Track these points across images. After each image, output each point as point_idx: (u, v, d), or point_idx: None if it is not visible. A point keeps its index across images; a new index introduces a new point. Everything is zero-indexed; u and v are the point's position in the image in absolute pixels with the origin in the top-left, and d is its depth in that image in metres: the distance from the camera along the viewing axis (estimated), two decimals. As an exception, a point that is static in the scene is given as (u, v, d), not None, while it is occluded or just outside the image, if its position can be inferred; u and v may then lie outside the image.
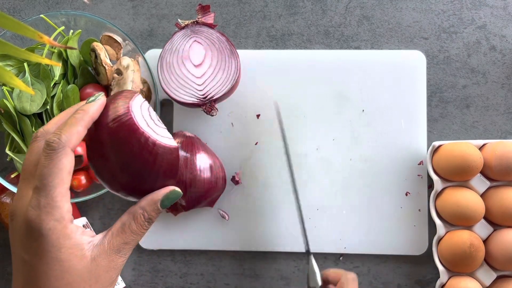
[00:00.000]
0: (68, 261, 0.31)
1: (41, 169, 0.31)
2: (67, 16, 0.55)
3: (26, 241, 0.31)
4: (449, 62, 0.60)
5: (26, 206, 0.31)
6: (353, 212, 0.58)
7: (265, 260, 0.59)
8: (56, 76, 0.54)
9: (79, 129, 0.32)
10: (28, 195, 0.31)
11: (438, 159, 0.56)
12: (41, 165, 0.31)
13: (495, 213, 0.54)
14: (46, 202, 0.30)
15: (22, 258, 0.31)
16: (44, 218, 0.30)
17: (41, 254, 0.30)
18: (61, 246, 0.31)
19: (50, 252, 0.30)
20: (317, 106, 0.59)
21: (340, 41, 0.61)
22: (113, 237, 0.33)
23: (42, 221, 0.30)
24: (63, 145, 0.31)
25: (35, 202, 0.30)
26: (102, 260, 0.32)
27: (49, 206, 0.30)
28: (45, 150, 0.31)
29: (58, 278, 0.31)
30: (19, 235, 0.31)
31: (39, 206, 0.30)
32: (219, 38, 0.55)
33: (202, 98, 0.54)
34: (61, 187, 0.31)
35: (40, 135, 0.33)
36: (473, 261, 0.53)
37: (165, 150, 0.35)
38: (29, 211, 0.30)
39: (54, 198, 0.31)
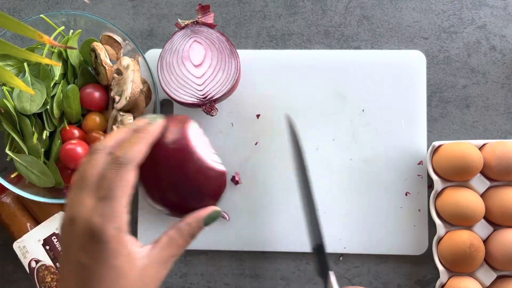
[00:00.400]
0: (122, 267, 0.33)
1: (108, 182, 0.34)
2: (67, 16, 0.55)
3: (87, 245, 0.33)
4: (449, 62, 0.60)
5: (89, 213, 0.33)
6: (353, 212, 0.58)
7: (265, 260, 0.59)
8: (56, 76, 0.54)
9: (143, 148, 0.36)
10: (89, 204, 0.33)
11: (438, 159, 0.56)
12: (108, 178, 0.34)
13: (495, 213, 0.54)
14: (111, 212, 0.33)
15: (78, 261, 0.33)
16: (107, 226, 0.33)
17: (100, 259, 0.33)
18: (119, 253, 0.33)
19: (108, 258, 0.33)
20: (317, 106, 0.59)
21: (340, 41, 0.61)
22: (162, 250, 0.36)
23: (106, 229, 0.33)
24: (129, 161, 0.34)
25: (100, 211, 0.33)
26: (150, 270, 0.35)
27: (112, 216, 0.33)
28: (112, 164, 0.34)
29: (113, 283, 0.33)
30: (79, 239, 0.33)
31: (103, 215, 0.33)
32: (219, 38, 0.55)
33: (202, 98, 0.54)
34: (125, 200, 0.34)
35: (101, 148, 0.35)
36: (473, 261, 0.53)
37: (217, 174, 0.39)
38: (94, 218, 0.33)
39: (118, 209, 0.33)
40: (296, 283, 0.59)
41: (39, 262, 0.56)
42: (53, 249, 0.55)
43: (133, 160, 0.35)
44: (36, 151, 0.53)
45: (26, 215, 0.58)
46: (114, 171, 0.34)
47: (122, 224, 0.34)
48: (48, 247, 0.56)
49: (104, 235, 0.33)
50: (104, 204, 0.33)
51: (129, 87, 0.53)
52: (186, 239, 0.37)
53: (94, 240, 0.33)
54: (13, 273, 0.60)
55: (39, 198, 0.53)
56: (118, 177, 0.34)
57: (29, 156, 0.53)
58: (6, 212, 0.57)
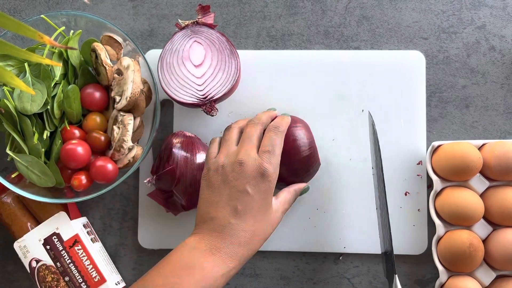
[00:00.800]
0: (270, 204, 0.48)
1: (272, 141, 0.48)
2: (68, 17, 0.55)
3: (255, 181, 0.46)
4: (448, 62, 0.60)
5: (258, 159, 0.47)
6: (353, 212, 0.58)
7: (265, 260, 0.59)
8: (57, 76, 0.54)
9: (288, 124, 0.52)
10: (255, 153, 0.48)
11: (438, 159, 0.56)
12: (273, 139, 0.49)
13: (495, 213, 0.54)
14: (275, 162, 0.48)
15: (245, 190, 0.46)
16: (273, 171, 0.47)
17: (263, 191, 0.47)
18: (271, 192, 0.48)
19: (267, 193, 0.47)
20: (317, 106, 0.59)
21: (340, 41, 0.61)
22: (281, 204, 0.50)
23: (272, 173, 0.47)
24: (283, 131, 0.50)
25: (267, 159, 0.47)
26: (277, 213, 0.49)
27: (276, 165, 0.48)
28: (274, 130, 0.50)
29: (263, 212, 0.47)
30: (249, 176, 0.46)
31: (271, 163, 0.47)
32: (219, 38, 0.56)
33: (202, 98, 0.55)
34: (280, 156, 0.49)
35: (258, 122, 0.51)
36: (472, 261, 0.53)
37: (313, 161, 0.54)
38: (264, 163, 0.47)
39: (277, 161, 0.48)
40: (295, 282, 0.59)
41: (39, 261, 0.56)
42: (54, 248, 0.56)
43: (284, 131, 0.50)
44: (37, 151, 0.53)
45: (27, 215, 0.58)
46: (276, 135, 0.49)
47: (277, 175, 0.48)
48: (48, 246, 0.56)
49: (270, 177, 0.47)
50: (270, 155, 0.47)
51: (130, 87, 0.53)
52: (293, 199, 0.52)
53: (263, 179, 0.46)
54: (14, 273, 0.61)
55: (39, 198, 0.53)
56: (278, 139, 0.49)
57: (29, 156, 0.53)
58: (7, 212, 0.58)
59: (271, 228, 0.48)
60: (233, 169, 0.47)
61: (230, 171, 0.47)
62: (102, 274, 0.56)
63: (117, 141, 0.54)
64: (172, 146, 0.55)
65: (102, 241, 0.60)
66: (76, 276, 0.55)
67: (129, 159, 0.55)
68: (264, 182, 0.46)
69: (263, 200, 0.47)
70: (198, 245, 0.45)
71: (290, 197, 0.51)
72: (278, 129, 0.50)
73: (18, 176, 0.55)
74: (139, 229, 0.59)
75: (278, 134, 0.49)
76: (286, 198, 0.50)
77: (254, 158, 0.47)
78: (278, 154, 0.48)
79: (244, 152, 0.48)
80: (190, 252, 0.45)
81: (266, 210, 0.47)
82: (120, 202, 0.60)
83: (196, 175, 0.55)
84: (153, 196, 0.57)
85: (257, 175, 0.46)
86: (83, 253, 0.56)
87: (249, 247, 0.46)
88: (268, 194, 0.47)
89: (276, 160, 0.48)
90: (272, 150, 0.48)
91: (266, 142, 0.48)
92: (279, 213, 0.49)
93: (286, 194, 0.51)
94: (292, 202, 0.51)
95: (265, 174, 0.46)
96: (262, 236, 0.47)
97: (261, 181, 0.46)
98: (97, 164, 0.54)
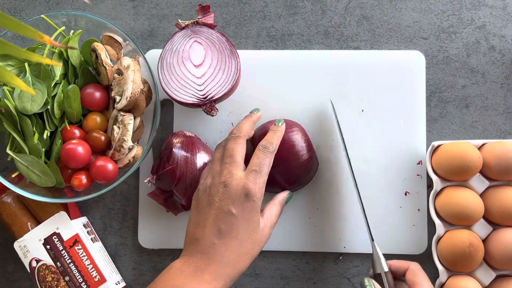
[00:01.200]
0: (257, 222, 0.47)
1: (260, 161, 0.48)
2: (68, 16, 0.55)
3: (239, 201, 0.46)
4: (448, 62, 0.60)
5: (242, 179, 0.47)
6: (353, 212, 0.58)
7: (265, 260, 0.59)
8: (57, 76, 0.54)
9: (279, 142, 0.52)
10: (238, 173, 0.47)
11: (438, 159, 0.56)
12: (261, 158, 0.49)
13: (495, 213, 0.54)
14: (260, 182, 0.47)
15: (229, 211, 0.46)
16: (258, 191, 0.47)
17: (247, 212, 0.47)
18: (257, 212, 0.48)
19: (252, 212, 0.47)
20: (317, 106, 0.59)
21: (339, 41, 0.61)
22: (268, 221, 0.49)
23: (257, 193, 0.47)
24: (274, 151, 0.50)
25: (253, 179, 0.47)
26: (265, 230, 0.49)
27: (262, 185, 0.48)
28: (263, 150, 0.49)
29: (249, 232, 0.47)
30: (233, 197, 0.46)
31: (256, 183, 0.47)
32: (219, 38, 0.56)
33: (202, 98, 0.55)
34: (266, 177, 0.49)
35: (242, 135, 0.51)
36: (472, 261, 0.53)
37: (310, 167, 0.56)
38: (249, 184, 0.47)
39: (263, 181, 0.48)
40: (295, 282, 0.59)
41: (39, 261, 0.56)
42: (54, 248, 0.56)
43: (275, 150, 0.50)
44: (37, 151, 0.53)
45: (27, 214, 0.58)
46: (264, 155, 0.49)
47: (262, 194, 0.48)
48: (48, 246, 0.56)
49: (255, 197, 0.47)
50: (256, 175, 0.47)
51: (130, 87, 0.53)
52: (279, 211, 0.51)
53: (247, 199, 0.46)
54: (14, 273, 0.61)
55: (39, 198, 0.53)
56: (266, 159, 0.49)
57: (30, 156, 0.53)
58: (7, 212, 0.58)
59: (258, 247, 0.48)
60: (218, 190, 0.47)
61: (215, 192, 0.47)
62: (102, 274, 0.56)
63: (117, 141, 0.54)
64: (172, 146, 0.55)
65: (102, 241, 0.60)
66: (76, 276, 0.55)
67: (129, 159, 0.55)
68: (248, 202, 0.47)
69: (248, 220, 0.47)
70: (184, 267, 0.46)
71: (275, 211, 0.51)
72: (268, 149, 0.50)
73: (18, 176, 0.55)
74: (139, 229, 0.59)
75: (267, 154, 0.49)
76: (271, 212, 0.50)
77: (238, 178, 0.47)
78: (266, 173, 0.48)
79: (226, 172, 0.48)
80: (175, 275, 0.45)
81: (252, 229, 0.47)
82: (120, 202, 0.60)
83: (196, 175, 0.55)
84: (153, 196, 0.58)
85: (241, 195, 0.46)
86: (83, 253, 0.56)
87: (236, 266, 0.46)
88: (253, 214, 0.47)
89: (262, 180, 0.48)
90: (260, 170, 0.48)
91: (254, 161, 0.49)
92: (267, 230, 0.49)
93: (271, 208, 0.51)
94: (279, 214, 0.51)
95: (249, 194, 0.46)
96: (248, 255, 0.47)
97: (245, 201, 0.46)
98: (97, 164, 0.54)
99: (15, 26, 0.31)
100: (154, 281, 0.46)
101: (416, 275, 0.49)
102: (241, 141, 0.50)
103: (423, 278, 0.49)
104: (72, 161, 0.53)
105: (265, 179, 0.48)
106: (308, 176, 0.56)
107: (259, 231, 0.48)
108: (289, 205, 0.58)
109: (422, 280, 0.48)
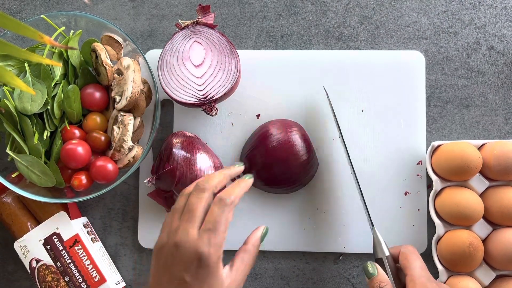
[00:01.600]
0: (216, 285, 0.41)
1: (215, 217, 0.42)
2: (68, 17, 0.55)
3: (192, 267, 0.41)
4: (448, 62, 0.60)
5: (196, 242, 0.41)
6: (352, 211, 0.58)
7: (265, 260, 0.59)
8: (57, 76, 0.54)
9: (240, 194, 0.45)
10: (194, 234, 0.41)
11: (437, 159, 0.56)
12: (216, 214, 0.42)
13: (494, 213, 0.54)
14: (216, 242, 0.41)
15: (182, 278, 0.41)
16: (213, 255, 0.41)
17: (201, 279, 0.41)
18: (215, 276, 0.41)
19: (208, 279, 0.41)
20: (316, 106, 0.59)
21: (339, 41, 0.61)
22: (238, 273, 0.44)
23: (211, 257, 0.41)
24: (232, 203, 0.43)
25: (207, 241, 0.41)
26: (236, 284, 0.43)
27: (217, 246, 0.41)
28: (219, 204, 0.43)
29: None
30: (186, 261, 0.41)
31: (210, 245, 0.41)
32: (219, 38, 0.56)
33: (202, 98, 0.55)
34: (225, 234, 0.42)
35: (208, 188, 0.44)
36: (472, 261, 0.53)
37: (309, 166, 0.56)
38: (202, 247, 0.41)
39: (221, 241, 0.41)
40: (295, 282, 0.59)
41: (39, 261, 0.56)
42: (54, 248, 0.56)
43: (234, 203, 0.43)
44: (37, 151, 0.53)
45: (27, 214, 0.58)
46: (220, 210, 0.42)
47: (221, 253, 0.42)
48: (48, 246, 0.56)
49: (210, 261, 0.41)
50: (210, 235, 0.41)
51: (130, 87, 0.53)
52: (253, 256, 0.45)
53: (200, 264, 0.41)
54: (14, 273, 0.61)
55: (39, 198, 0.53)
56: (223, 215, 0.42)
57: (30, 156, 0.53)
58: (7, 212, 0.58)
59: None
60: (171, 252, 0.42)
61: (168, 254, 0.42)
62: (102, 274, 0.56)
63: (117, 141, 0.54)
64: (172, 146, 0.55)
65: (102, 241, 0.60)
66: (76, 276, 0.55)
67: (129, 159, 0.55)
68: (202, 268, 0.41)
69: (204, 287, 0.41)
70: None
71: (248, 257, 0.45)
72: (225, 201, 0.43)
73: (18, 176, 0.55)
74: (139, 229, 0.59)
75: (224, 208, 0.43)
76: (243, 262, 0.45)
77: (190, 240, 0.41)
78: (223, 231, 0.42)
79: (181, 231, 0.42)
80: None
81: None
82: (120, 202, 0.60)
83: (196, 175, 0.55)
84: (153, 196, 0.58)
85: (194, 261, 0.41)
86: (83, 253, 0.56)
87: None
88: (210, 279, 0.41)
89: (218, 240, 0.41)
90: (214, 228, 0.41)
91: (208, 218, 0.42)
92: (236, 283, 0.43)
93: (243, 256, 0.45)
94: (254, 258, 0.46)
95: (202, 259, 0.41)
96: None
97: (199, 267, 0.41)
98: (97, 164, 0.54)
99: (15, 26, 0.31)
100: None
101: (406, 258, 0.47)
102: (206, 195, 0.44)
103: (414, 260, 0.47)
104: (72, 161, 0.53)
105: (223, 237, 0.42)
106: (308, 176, 0.57)
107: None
108: (289, 205, 0.58)
109: (412, 263, 0.46)
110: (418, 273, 0.46)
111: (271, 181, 0.53)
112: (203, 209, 0.43)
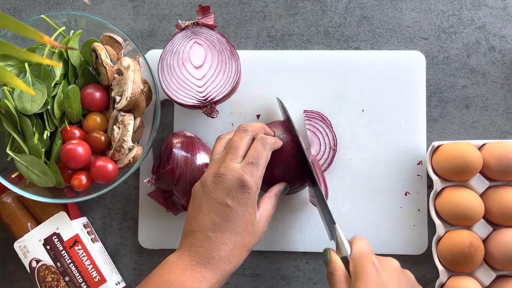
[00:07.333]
0: (253, 215, 0.46)
1: (257, 153, 0.47)
2: (68, 17, 0.55)
3: (235, 192, 0.45)
4: (448, 62, 0.60)
5: (239, 171, 0.46)
6: (352, 211, 0.58)
7: (265, 260, 0.59)
8: (57, 76, 0.54)
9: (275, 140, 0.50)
10: (237, 165, 0.46)
11: (438, 159, 0.56)
12: (258, 150, 0.47)
13: (495, 213, 0.54)
14: (257, 174, 0.46)
15: (225, 203, 0.45)
16: (254, 184, 0.46)
17: (244, 203, 0.46)
18: (254, 204, 0.47)
19: (248, 205, 0.46)
20: (317, 107, 0.59)
21: (340, 41, 0.61)
22: (267, 211, 0.49)
23: (252, 184, 0.46)
24: (271, 143, 0.49)
25: (249, 171, 0.46)
26: (261, 222, 0.48)
27: (258, 178, 0.47)
28: (261, 142, 0.48)
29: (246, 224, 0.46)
30: (229, 187, 0.46)
31: (253, 175, 0.46)
32: (219, 39, 0.56)
33: (203, 100, 0.55)
34: (264, 168, 0.47)
35: (250, 130, 0.49)
36: (472, 261, 0.53)
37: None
38: (245, 175, 0.46)
39: (260, 173, 0.47)
40: (295, 282, 0.59)
41: (39, 261, 0.56)
42: (54, 248, 0.56)
43: (272, 144, 0.49)
44: (37, 151, 0.53)
45: (27, 215, 0.58)
46: (262, 147, 0.48)
47: (259, 185, 0.47)
48: (48, 246, 0.56)
49: (251, 189, 0.46)
50: (252, 168, 0.46)
51: (130, 88, 0.53)
52: (276, 203, 0.50)
53: (243, 190, 0.45)
54: (14, 273, 0.61)
55: (39, 198, 0.53)
56: (264, 152, 0.47)
57: (29, 156, 0.53)
58: (7, 212, 0.58)
59: (255, 240, 0.47)
60: (214, 181, 0.46)
61: (211, 183, 0.47)
62: (102, 274, 0.56)
63: (117, 141, 0.54)
64: (172, 146, 0.55)
65: (102, 241, 0.60)
66: (76, 276, 0.55)
67: (129, 159, 0.55)
68: (244, 193, 0.45)
69: (243, 212, 0.46)
70: (179, 261, 0.45)
71: (272, 203, 0.50)
72: (266, 140, 0.48)
73: (18, 176, 0.55)
74: (139, 229, 0.59)
75: (266, 146, 0.48)
76: (268, 205, 0.49)
77: (234, 170, 0.46)
78: (263, 166, 0.47)
79: (225, 163, 0.47)
80: (170, 269, 0.45)
81: (248, 222, 0.46)
82: (120, 202, 0.60)
83: (196, 175, 0.55)
84: (153, 196, 0.58)
85: (237, 187, 0.45)
86: (83, 253, 0.56)
87: (231, 260, 0.45)
88: (249, 206, 0.46)
89: (259, 173, 0.47)
90: (256, 162, 0.47)
91: (251, 153, 0.47)
92: (262, 223, 0.48)
93: (268, 201, 0.50)
94: (276, 207, 0.50)
95: (245, 186, 0.45)
96: (244, 248, 0.46)
97: (241, 193, 0.45)
98: (97, 164, 0.54)
99: (15, 26, 0.31)
100: (149, 275, 0.46)
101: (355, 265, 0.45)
102: (248, 136, 0.49)
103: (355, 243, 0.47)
104: (72, 161, 0.53)
105: (262, 171, 0.47)
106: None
107: (255, 224, 0.47)
108: (289, 205, 0.58)
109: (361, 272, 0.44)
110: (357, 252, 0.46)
111: (271, 182, 0.53)
112: (245, 147, 0.48)
